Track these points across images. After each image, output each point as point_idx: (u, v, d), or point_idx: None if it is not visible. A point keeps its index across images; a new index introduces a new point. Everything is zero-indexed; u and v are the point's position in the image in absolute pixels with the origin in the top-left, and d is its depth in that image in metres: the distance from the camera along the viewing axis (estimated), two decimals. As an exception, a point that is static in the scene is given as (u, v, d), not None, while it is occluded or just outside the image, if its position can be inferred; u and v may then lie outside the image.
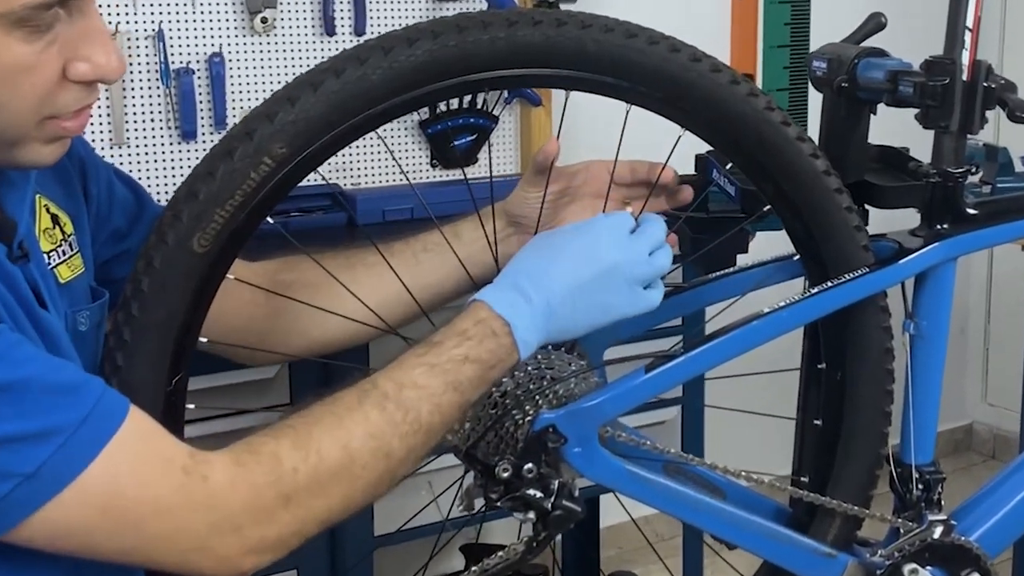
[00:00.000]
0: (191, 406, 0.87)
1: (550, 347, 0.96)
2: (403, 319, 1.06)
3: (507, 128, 2.17)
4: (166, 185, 1.96)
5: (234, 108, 1.97)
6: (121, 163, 1.89)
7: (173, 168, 1.96)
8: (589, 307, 0.89)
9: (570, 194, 1.07)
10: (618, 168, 1.07)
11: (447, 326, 0.86)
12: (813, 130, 1.05)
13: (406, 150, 2.09)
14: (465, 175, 1.02)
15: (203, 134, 1.94)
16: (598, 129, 1.08)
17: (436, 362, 0.84)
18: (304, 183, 0.87)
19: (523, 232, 1.05)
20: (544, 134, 2.15)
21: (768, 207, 0.99)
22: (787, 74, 2.40)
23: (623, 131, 0.96)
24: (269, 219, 0.86)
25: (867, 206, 1.07)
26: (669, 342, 1.80)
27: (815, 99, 1.26)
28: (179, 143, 1.93)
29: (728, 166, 1.02)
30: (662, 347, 1.73)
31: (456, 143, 2.06)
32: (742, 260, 1.17)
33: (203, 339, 0.86)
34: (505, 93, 2.06)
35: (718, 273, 1.08)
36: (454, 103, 1.97)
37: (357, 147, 1.98)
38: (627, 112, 0.94)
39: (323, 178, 1.64)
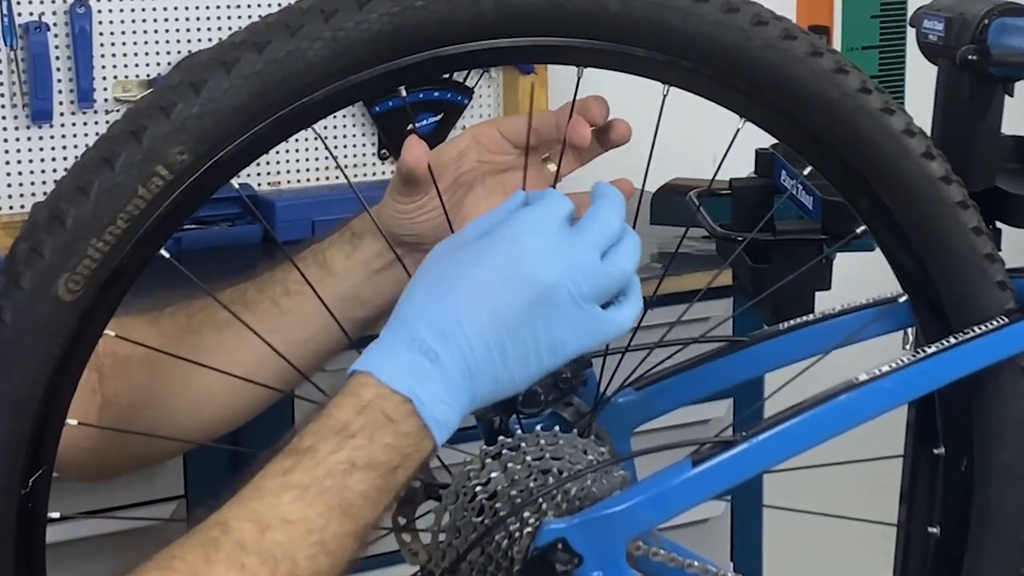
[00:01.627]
0: (55, 514, 0.86)
1: (556, 429, 0.96)
2: (289, 382, 1.06)
3: (486, 104, 2.19)
4: (11, 191, 1.96)
5: (105, 78, 1.98)
6: (-55, 156, 1.89)
7: (20, 164, 1.97)
8: (527, 351, 0.86)
9: (463, 183, 1.08)
10: (510, 126, 1.08)
11: (319, 417, 0.84)
12: (913, 109, 1.06)
13: (344, 137, 2.11)
14: (432, 171, 1.02)
15: (61, 114, 1.95)
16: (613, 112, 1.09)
17: (309, 480, 0.81)
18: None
19: (416, 251, 1.06)
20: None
21: (862, 228, 1.00)
22: (877, 26, 2.42)
23: (658, 124, 0.97)
24: (164, 252, 0.86)
25: (1000, 224, 1.09)
26: (716, 412, 1.85)
27: (917, 64, 1.27)
28: (28, 127, 1.94)
29: (806, 171, 1.03)
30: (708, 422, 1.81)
31: (415, 125, 2.07)
32: (822, 301, 1.19)
33: (72, 421, 0.86)
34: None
35: (789, 322, 1.08)
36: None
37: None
38: (663, 96, 0.95)
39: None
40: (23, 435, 0.83)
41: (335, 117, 1.99)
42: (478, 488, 0.93)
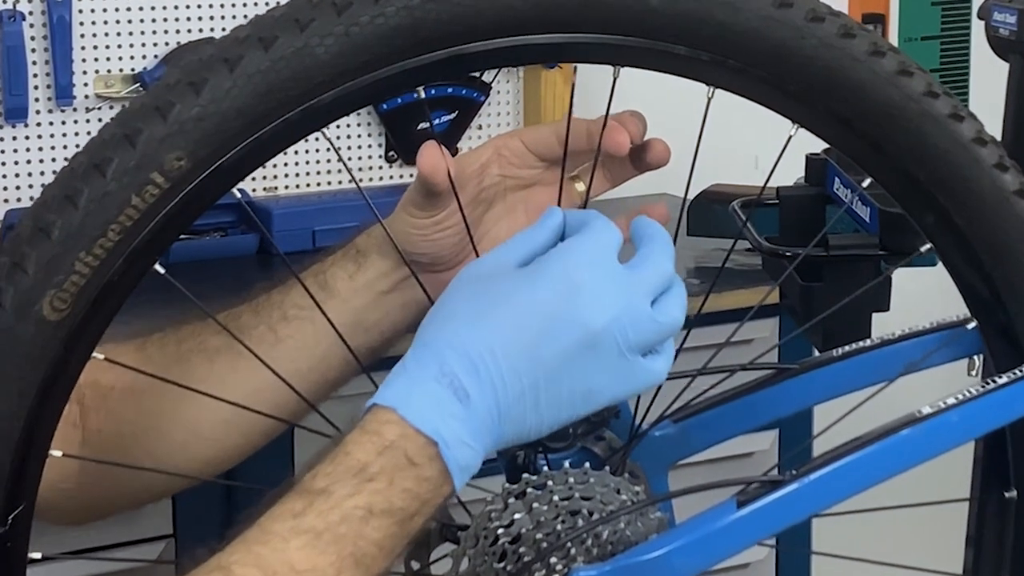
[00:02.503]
0: (36, 555, 0.87)
1: (587, 465, 0.97)
2: (292, 412, 1.06)
3: (504, 102, 2.20)
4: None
5: (86, 73, 1.99)
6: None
7: (-9, 167, 1.97)
8: (561, 397, 0.87)
9: (484, 199, 1.08)
10: (535, 137, 1.08)
11: (335, 455, 0.84)
12: (977, 108, 1.06)
13: (348, 137, 2.11)
14: (451, 175, 1.02)
15: (37, 112, 1.96)
16: (633, 107, 1.09)
17: (322, 526, 0.82)
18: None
19: (428, 272, 1.06)
20: (563, 111, 2.17)
21: (927, 246, 1.01)
22: (938, 14, 2.42)
23: (702, 131, 0.97)
24: (159, 267, 0.87)
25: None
26: (760, 445, 1.85)
27: (984, 58, 1.28)
28: (1, 126, 1.95)
29: (865, 183, 1.04)
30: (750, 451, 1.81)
31: (427, 125, 2.08)
32: (880, 324, 1.19)
33: (56, 452, 0.87)
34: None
35: (843, 348, 1.09)
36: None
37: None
38: (708, 98, 0.95)
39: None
40: (2, 468, 0.84)
41: (339, 116, 2.00)
42: (500, 530, 0.93)
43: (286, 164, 2.06)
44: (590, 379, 0.87)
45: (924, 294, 1.31)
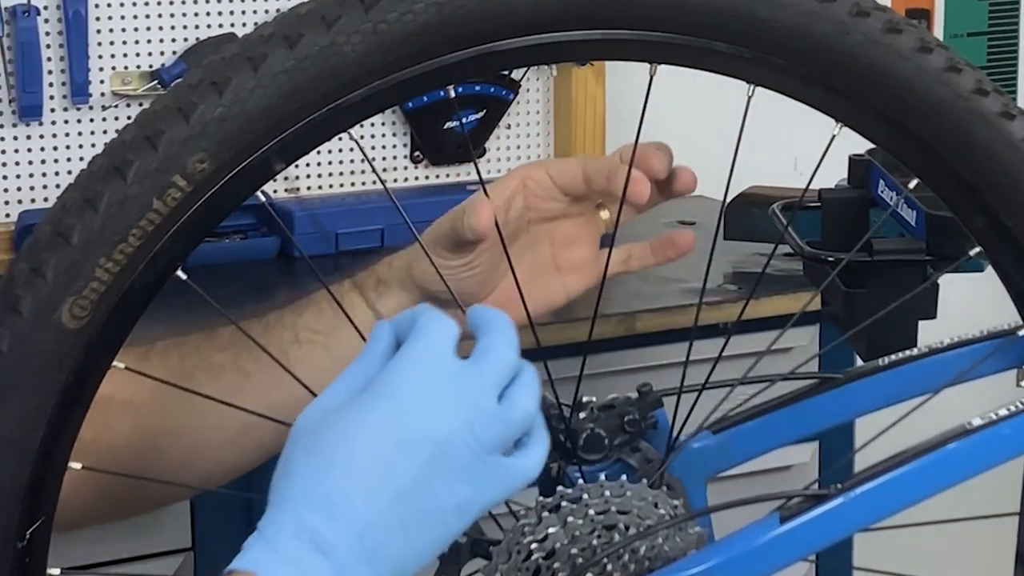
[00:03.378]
0: (55, 571, 0.87)
1: (623, 478, 0.97)
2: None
3: (533, 100, 2.20)
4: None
5: (103, 70, 2.00)
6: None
7: (6, 167, 1.98)
8: (429, 518, 0.84)
9: (509, 231, 1.07)
10: (562, 171, 1.08)
11: None
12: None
13: (373, 137, 2.12)
14: (480, 175, 1.01)
15: (52, 111, 1.97)
16: (667, 107, 1.08)
17: None
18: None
19: (448, 309, 1.02)
20: (594, 110, 2.18)
21: (976, 249, 1.00)
22: (986, 9, 2.41)
23: (742, 131, 0.97)
24: (181, 273, 0.87)
25: None
26: (800, 458, 1.84)
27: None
28: (15, 125, 1.95)
29: (912, 184, 1.03)
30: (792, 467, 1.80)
31: (454, 124, 2.08)
32: (926, 332, 1.19)
33: (76, 465, 0.87)
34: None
35: (889, 357, 1.09)
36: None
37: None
38: (749, 97, 0.95)
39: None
40: (21, 481, 0.84)
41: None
42: (534, 545, 0.94)
43: (308, 165, 2.07)
44: (454, 492, 0.85)
45: (973, 301, 1.31)
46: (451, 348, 0.87)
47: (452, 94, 0.92)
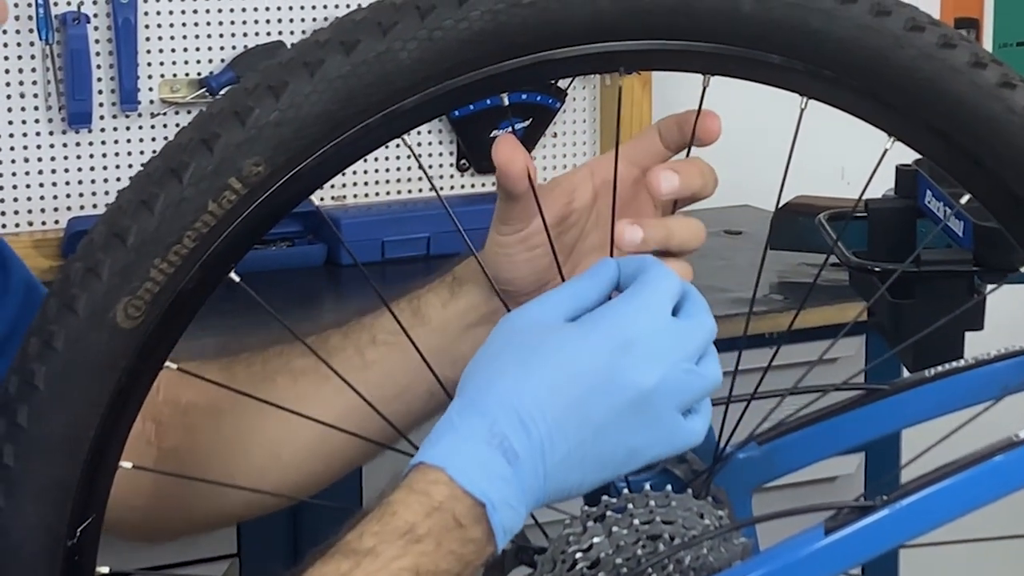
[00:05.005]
0: (104, 569, 0.88)
1: (668, 488, 0.97)
2: (366, 450, 1.07)
3: (580, 109, 2.21)
4: (45, 204, 1.99)
5: (151, 77, 2.01)
6: (-28, 164, 1.93)
7: (55, 174, 2.00)
8: (604, 457, 0.88)
9: (575, 223, 1.05)
10: (635, 150, 1.04)
11: (382, 514, 0.85)
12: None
13: (419, 144, 2.13)
14: (533, 183, 1.01)
15: (101, 118, 1.98)
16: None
17: None
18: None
19: (515, 300, 1.03)
20: (640, 119, 2.18)
21: (1026, 263, 1.00)
22: (1036, 19, 2.40)
23: (794, 143, 0.97)
24: (234, 276, 0.88)
25: None
26: (846, 469, 1.84)
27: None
28: (64, 132, 1.97)
29: (964, 199, 1.03)
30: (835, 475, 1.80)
31: (500, 132, 2.09)
32: (973, 344, 1.18)
33: (126, 464, 0.88)
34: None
35: (936, 369, 1.08)
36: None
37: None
38: (801, 109, 0.95)
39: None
40: (72, 479, 0.85)
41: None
42: (578, 555, 0.94)
43: (355, 172, 2.08)
44: (635, 438, 0.88)
45: (1020, 312, 1.30)
46: (671, 303, 0.90)
47: (506, 102, 0.93)
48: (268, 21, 2.08)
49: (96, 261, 0.85)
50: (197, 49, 2.04)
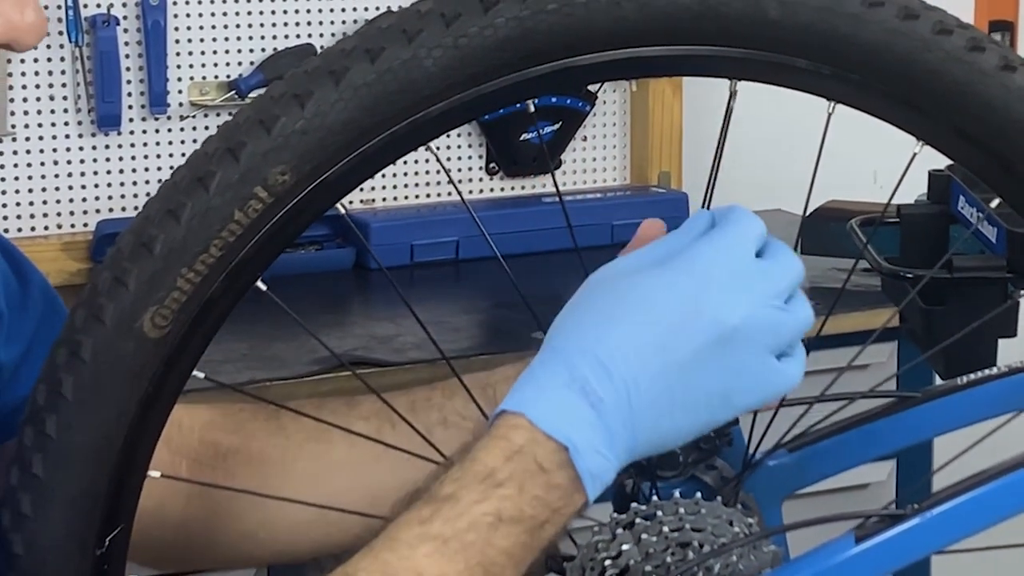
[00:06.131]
0: (133, 581, 0.89)
1: (698, 495, 0.97)
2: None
3: (611, 112, 2.21)
4: (74, 207, 2.00)
5: (181, 79, 2.02)
6: (3, 166, 1.94)
7: (84, 177, 2.01)
8: (696, 399, 0.86)
9: None
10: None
11: (463, 461, 0.84)
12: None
13: (448, 148, 2.13)
14: (557, 185, 1.01)
15: (130, 120, 1.99)
16: (746, 119, 1.08)
17: (450, 533, 0.82)
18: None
19: None
20: (671, 122, 2.18)
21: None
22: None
23: (822, 147, 0.97)
24: (261, 284, 0.88)
25: None
26: (877, 476, 1.83)
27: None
28: (93, 134, 1.98)
29: (994, 203, 1.03)
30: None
31: (530, 136, 2.09)
32: (1006, 351, 1.18)
33: (155, 473, 0.88)
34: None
35: (968, 377, 1.08)
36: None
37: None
38: (829, 114, 0.95)
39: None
40: (100, 487, 0.86)
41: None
42: (607, 562, 0.93)
43: (384, 176, 2.08)
44: (726, 381, 0.86)
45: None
46: (756, 244, 0.89)
47: (531, 109, 0.93)
48: (297, 24, 2.09)
49: (123, 271, 0.85)
50: (226, 52, 2.05)
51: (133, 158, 2.01)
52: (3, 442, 0.96)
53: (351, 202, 2.06)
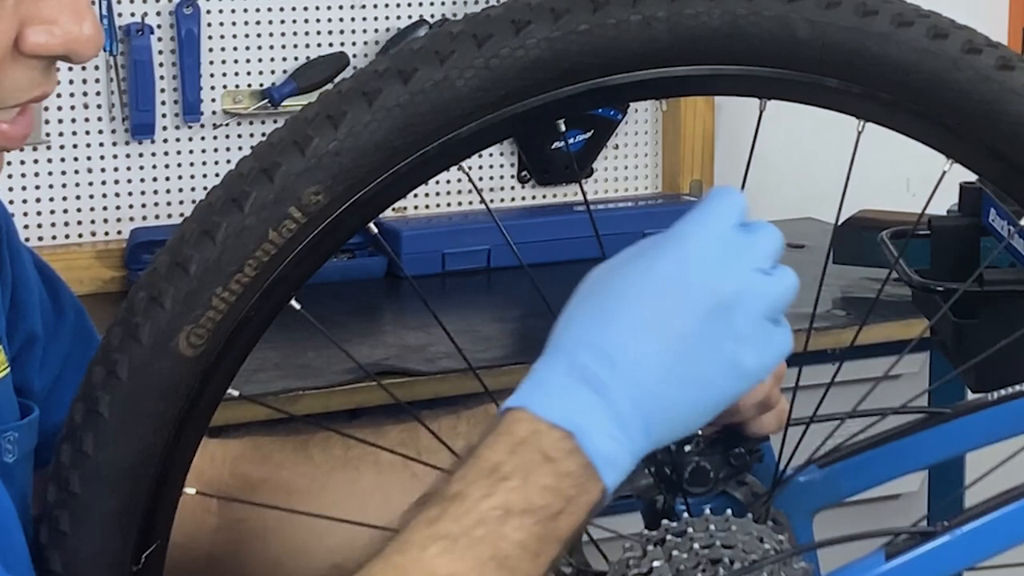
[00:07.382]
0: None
1: (728, 512, 0.97)
2: None
3: (642, 120, 2.21)
4: (108, 215, 2.01)
5: (214, 88, 2.03)
6: (38, 174, 1.96)
7: (119, 185, 2.02)
8: (703, 371, 0.86)
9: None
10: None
11: (468, 460, 0.85)
12: None
13: (479, 156, 2.13)
14: (585, 195, 1.02)
15: (164, 129, 2.00)
16: (779, 127, 1.08)
17: (458, 530, 0.82)
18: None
19: None
20: (703, 132, 2.18)
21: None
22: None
23: (852, 163, 0.98)
24: (295, 303, 0.89)
25: None
26: (908, 487, 1.81)
27: None
28: (127, 143, 1.99)
29: (1024, 221, 1.04)
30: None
31: (561, 144, 2.10)
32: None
33: (190, 490, 0.89)
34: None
35: (998, 394, 1.07)
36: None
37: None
38: (859, 132, 0.95)
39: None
40: (136, 505, 0.87)
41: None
42: (637, 578, 0.94)
43: (416, 183, 2.10)
44: (731, 348, 0.87)
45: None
46: (736, 217, 0.89)
47: (562, 128, 0.94)
48: (330, 32, 2.10)
49: (159, 290, 0.86)
50: (260, 60, 2.06)
51: (167, 166, 2.02)
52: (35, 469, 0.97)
53: (384, 212, 2.08)
